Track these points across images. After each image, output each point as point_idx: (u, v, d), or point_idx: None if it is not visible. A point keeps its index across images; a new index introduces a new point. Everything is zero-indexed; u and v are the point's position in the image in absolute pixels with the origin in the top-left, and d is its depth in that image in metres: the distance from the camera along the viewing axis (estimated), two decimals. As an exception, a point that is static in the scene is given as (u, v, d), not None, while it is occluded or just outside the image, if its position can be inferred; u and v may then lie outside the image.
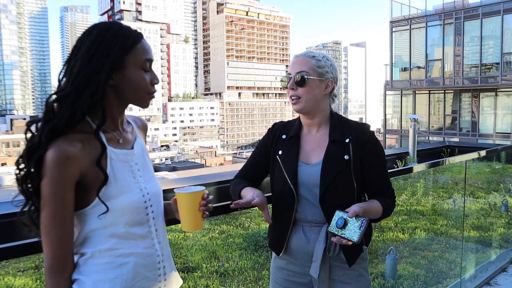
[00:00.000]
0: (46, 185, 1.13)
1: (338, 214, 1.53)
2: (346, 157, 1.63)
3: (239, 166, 1.92)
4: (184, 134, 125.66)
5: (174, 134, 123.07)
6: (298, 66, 1.67)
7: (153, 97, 1.33)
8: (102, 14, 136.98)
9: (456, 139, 23.15)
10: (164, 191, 1.45)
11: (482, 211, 6.07)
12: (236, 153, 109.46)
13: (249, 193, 1.65)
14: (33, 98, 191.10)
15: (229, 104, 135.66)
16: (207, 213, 1.38)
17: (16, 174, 1.19)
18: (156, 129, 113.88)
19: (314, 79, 1.65)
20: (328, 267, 1.66)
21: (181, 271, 4.39)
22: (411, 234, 5.60)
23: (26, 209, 1.19)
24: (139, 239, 1.27)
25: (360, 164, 1.65)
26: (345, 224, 1.50)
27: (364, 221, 1.48)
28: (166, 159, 76.17)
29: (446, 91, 25.91)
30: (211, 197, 1.39)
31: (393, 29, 26.96)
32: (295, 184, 1.65)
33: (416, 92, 26.82)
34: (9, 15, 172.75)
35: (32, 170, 1.16)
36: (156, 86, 1.33)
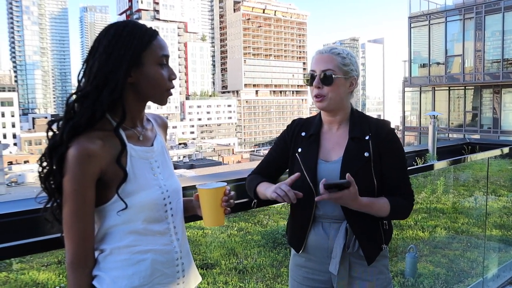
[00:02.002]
0: (67, 182, 1.16)
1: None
2: (366, 154, 1.61)
3: (256, 164, 1.92)
4: (201, 132, 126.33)
5: (192, 132, 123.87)
6: (323, 64, 1.63)
7: (171, 94, 1.33)
8: (121, 14, 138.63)
9: (476, 136, 22.69)
10: (183, 188, 1.46)
11: (505, 210, 5.93)
12: (253, 151, 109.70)
13: (268, 189, 1.63)
14: (54, 97, 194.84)
15: (247, 101, 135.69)
16: (228, 209, 1.39)
17: (39, 172, 1.22)
18: (174, 127, 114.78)
19: (340, 78, 1.63)
20: (348, 263, 1.64)
21: (200, 268, 4.42)
22: (431, 232, 5.52)
23: (49, 205, 1.22)
24: (157, 235, 1.29)
25: (380, 161, 1.63)
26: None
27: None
28: (184, 156, 76.82)
29: (466, 87, 25.44)
30: (232, 193, 1.40)
31: (412, 25, 26.58)
32: (314, 182, 1.63)
33: (436, 88, 26.41)
34: (31, 16, 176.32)
35: (55, 167, 1.18)
36: (174, 83, 1.34)
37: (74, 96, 1.23)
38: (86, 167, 1.16)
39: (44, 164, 1.21)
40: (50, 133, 1.22)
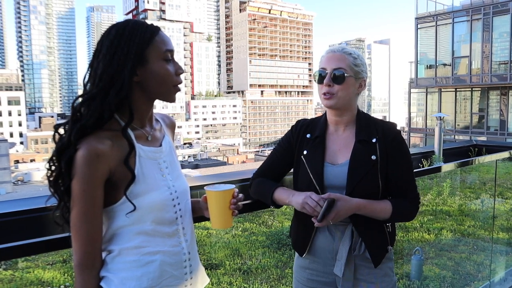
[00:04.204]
0: (76, 183, 1.15)
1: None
2: (373, 157, 1.60)
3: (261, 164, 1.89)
4: (206, 132, 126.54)
5: (197, 132, 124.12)
6: (335, 62, 1.62)
7: (179, 89, 1.32)
8: (127, 14, 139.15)
9: (483, 138, 22.53)
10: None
11: (512, 212, 5.89)
12: (258, 151, 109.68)
13: (293, 198, 1.59)
14: (60, 96, 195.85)
15: (252, 102, 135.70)
16: (237, 211, 1.38)
17: (47, 176, 1.21)
18: (179, 127, 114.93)
19: (351, 77, 1.62)
20: (353, 266, 1.64)
21: (205, 268, 4.40)
22: (437, 234, 5.48)
23: (58, 209, 1.21)
24: (166, 237, 1.28)
25: (386, 164, 1.62)
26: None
27: (325, 201, 1.47)
28: (188, 156, 76.93)
29: (473, 89, 25.28)
30: (241, 195, 1.40)
31: (419, 26, 26.45)
32: (321, 185, 1.62)
33: (442, 89, 26.26)
34: (38, 16, 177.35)
35: (63, 170, 1.17)
36: (181, 77, 1.32)
37: (80, 99, 1.22)
38: (95, 167, 1.15)
39: (53, 167, 1.20)
40: (57, 136, 1.21)
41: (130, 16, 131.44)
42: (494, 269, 4.05)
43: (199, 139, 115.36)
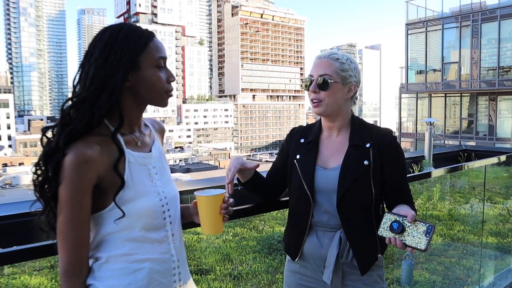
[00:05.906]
0: (64, 189, 1.12)
1: (389, 218, 1.38)
2: (365, 162, 1.59)
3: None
4: (198, 136, 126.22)
5: (188, 136, 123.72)
6: (321, 69, 1.62)
7: (171, 95, 1.30)
8: (118, 17, 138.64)
9: (472, 143, 22.74)
10: (179, 193, 1.43)
11: (501, 217, 5.93)
12: (250, 155, 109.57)
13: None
14: (50, 99, 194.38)
15: (243, 106, 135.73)
16: (227, 216, 1.37)
17: (33, 180, 1.18)
18: (171, 131, 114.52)
19: (337, 83, 1.61)
20: (341, 273, 1.63)
21: (195, 274, 4.37)
22: (427, 239, 5.49)
23: (44, 214, 1.18)
24: (155, 243, 1.26)
25: (380, 170, 1.61)
26: (402, 229, 1.34)
27: (431, 227, 1.31)
28: (180, 160, 76.66)
29: (462, 94, 25.56)
30: (231, 200, 1.38)
31: (409, 32, 26.70)
32: (312, 189, 1.62)
33: (432, 95, 26.51)
34: (28, 18, 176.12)
35: (50, 174, 1.14)
36: (172, 84, 1.30)
37: (69, 102, 1.19)
38: (84, 173, 1.12)
39: (39, 172, 1.17)
40: (45, 140, 1.18)
41: (121, 19, 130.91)
42: (483, 274, 4.07)
43: (190, 143, 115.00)
